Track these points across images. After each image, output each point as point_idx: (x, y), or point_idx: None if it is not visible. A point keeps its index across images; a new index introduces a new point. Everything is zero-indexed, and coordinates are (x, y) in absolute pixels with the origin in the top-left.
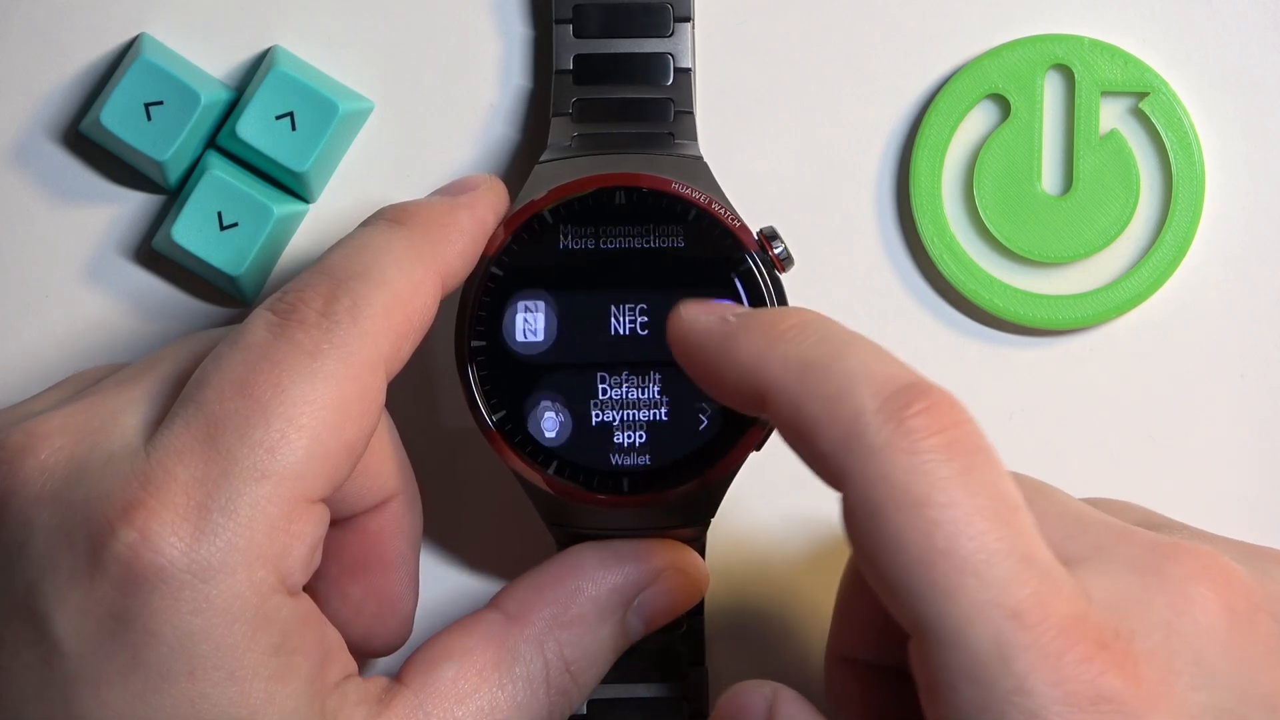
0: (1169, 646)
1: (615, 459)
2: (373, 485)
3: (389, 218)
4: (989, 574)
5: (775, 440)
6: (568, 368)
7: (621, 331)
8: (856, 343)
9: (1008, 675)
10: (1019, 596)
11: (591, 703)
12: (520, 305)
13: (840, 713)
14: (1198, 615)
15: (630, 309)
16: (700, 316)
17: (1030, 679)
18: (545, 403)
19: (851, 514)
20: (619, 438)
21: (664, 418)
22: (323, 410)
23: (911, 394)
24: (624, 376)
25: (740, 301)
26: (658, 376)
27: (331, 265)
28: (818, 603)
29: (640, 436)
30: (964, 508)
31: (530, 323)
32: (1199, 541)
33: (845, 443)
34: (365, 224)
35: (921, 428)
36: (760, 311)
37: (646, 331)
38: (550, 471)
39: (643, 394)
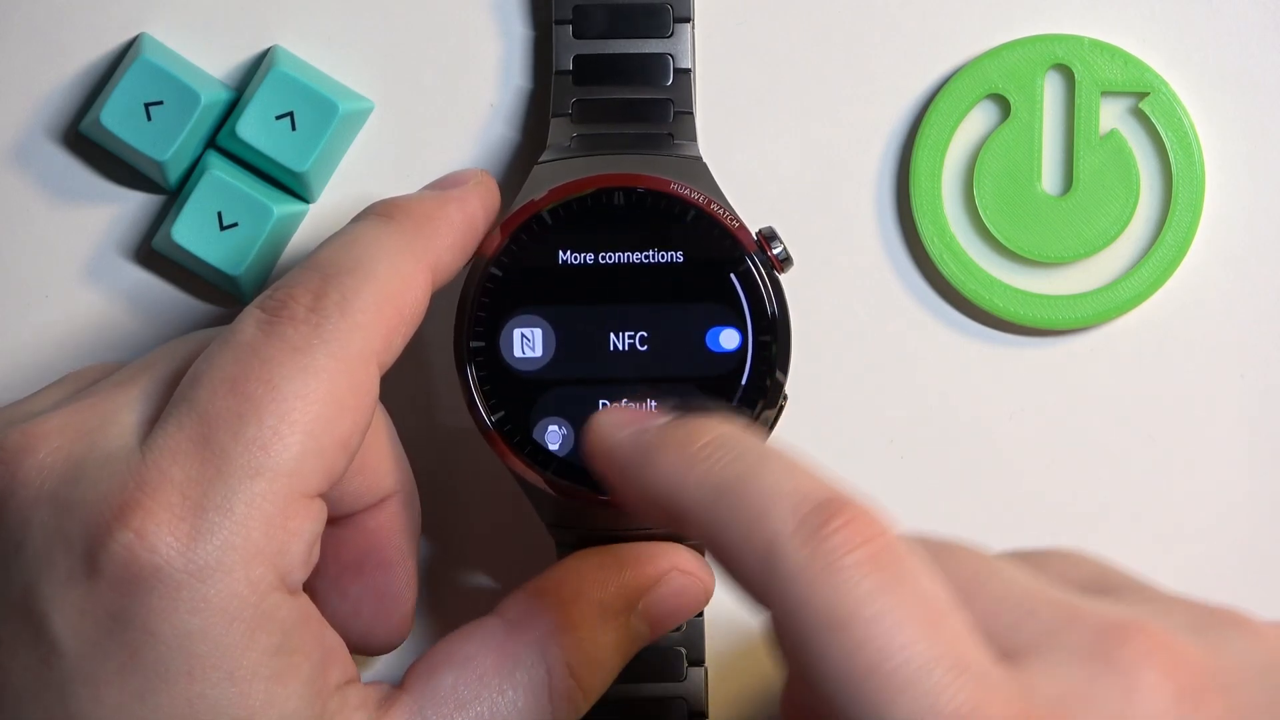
0: None
1: None
2: (371, 483)
3: (378, 212)
4: (921, 685)
5: (775, 440)
6: (567, 383)
7: (621, 348)
8: (771, 459)
9: None
10: (954, 705)
11: None
12: (518, 322)
13: None
14: (1148, 703)
15: (629, 325)
16: (616, 432)
17: None
18: (545, 419)
19: (779, 635)
20: None
21: None
22: (315, 405)
23: (828, 510)
24: (623, 392)
25: (740, 301)
26: (656, 392)
27: (320, 261)
28: None
29: None
30: (889, 620)
31: (529, 339)
32: (1153, 607)
33: (765, 567)
34: (355, 219)
35: (840, 545)
36: (675, 425)
37: (646, 347)
38: (550, 472)
39: (641, 409)
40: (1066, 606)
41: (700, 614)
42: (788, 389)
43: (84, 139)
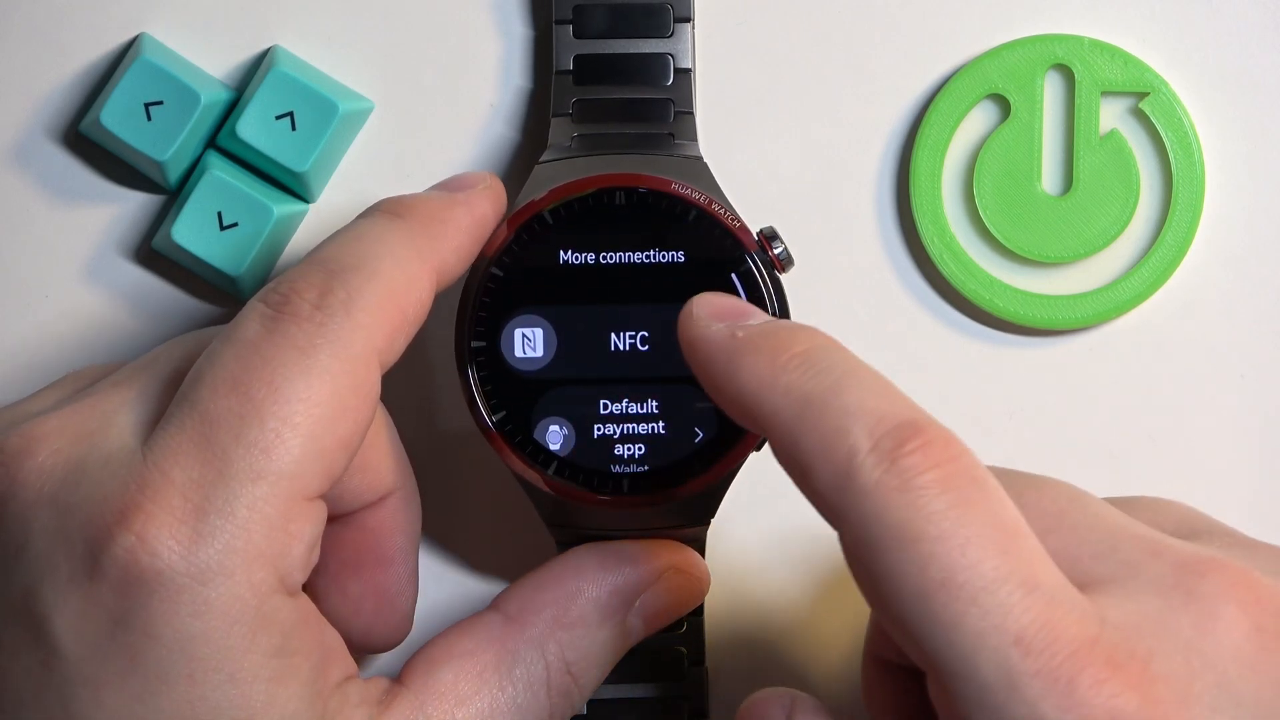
0: (1190, 667)
1: (616, 469)
2: (371, 481)
3: (385, 210)
4: (989, 602)
5: None
6: (568, 383)
7: (622, 347)
8: (857, 376)
9: (1018, 703)
10: (1023, 623)
11: (591, 703)
12: (519, 322)
13: (875, 714)
14: (1223, 635)
15: (630, 324)
16: (709, 325)
17: (1041, 705)
18: (546, 418)
19: (850, 552)
20: (620, 450)
21: (663, 431)
22: (317, 407)
23: (906, 432)
24: (624, 392)
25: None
26: (657, 392)
27: (326, 257)
28: (818, 602)
29: (640, 449)
30: (958, 538)
31: (530, 339)
32: (1236, 551)
33: (840, 483)
34: (362, 216)
35: (915, 465)
36: (768, 330)
37: (646, 347)
38: (550, 472)
39: (642, 409)
40: (1151, 541)
41: (700, 614)
42: None
43: (84, 139)
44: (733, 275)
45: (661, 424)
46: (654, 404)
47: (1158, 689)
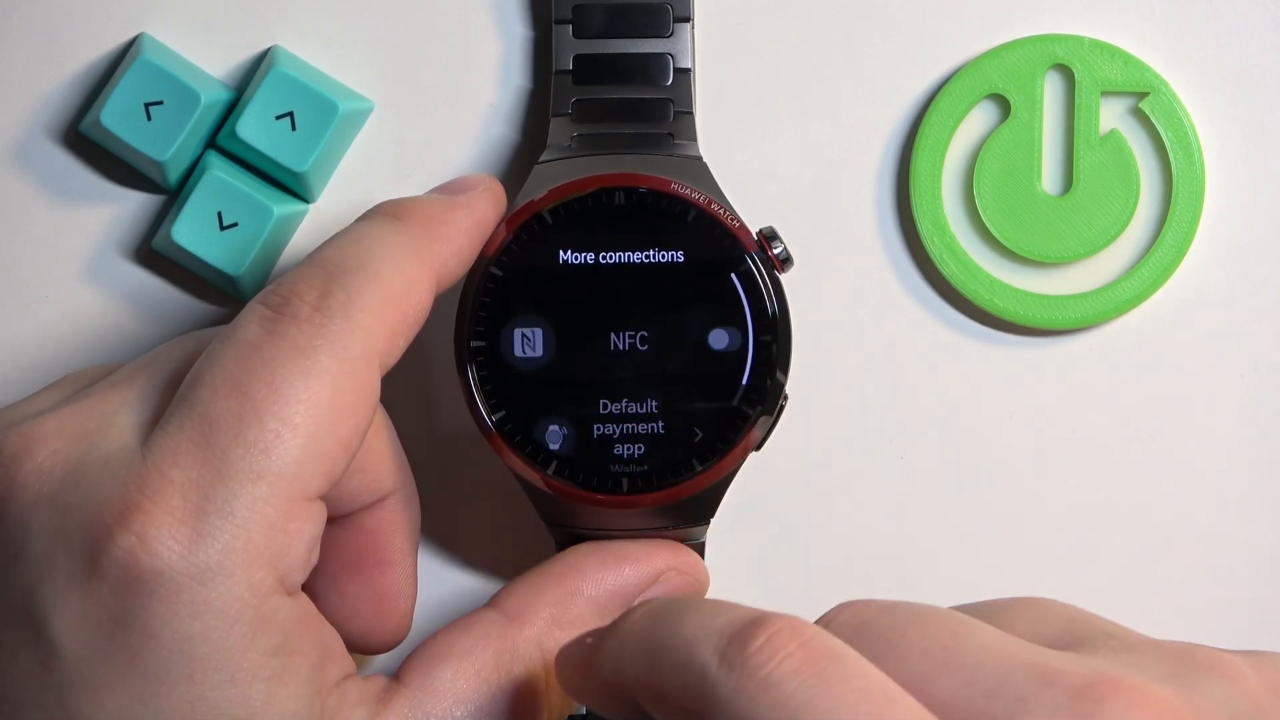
0: None
1: (616, 469)
2: (370, 482)
3: (386, 212)
4: None
5: (774, 440)
6: (567, 383)
7: (621, 347)
8: (692, 607)
9: None
10: None
11: None
12: (519, 321)
13: None
14: None
15: (630, 324)
16: (565, 651)
17: None
18: (546, 418)
19: None
20: (619, 450)
21: (662, 431)
22: (317, 408)
23: (748, 632)
24: (623, 392)
25: (741, 301)
26: (657, 392)
27: (326, 259)
28: (818, 603)
29: (639, 449)
30: (830, 718)
31: (529, 338)
32: (1126, 657)
33: (703, 704)
34: (362, 218)
35: (766, 660)
36: (610, 626)
37: (646, 347)
38: (550, 472)
39: (642, 409)
40: (1039, 667)
41: None
42: (788, 389)
43: (84, 139)
44: (732, 275)
45: (661, 424)
46: (653, 404)
47: None
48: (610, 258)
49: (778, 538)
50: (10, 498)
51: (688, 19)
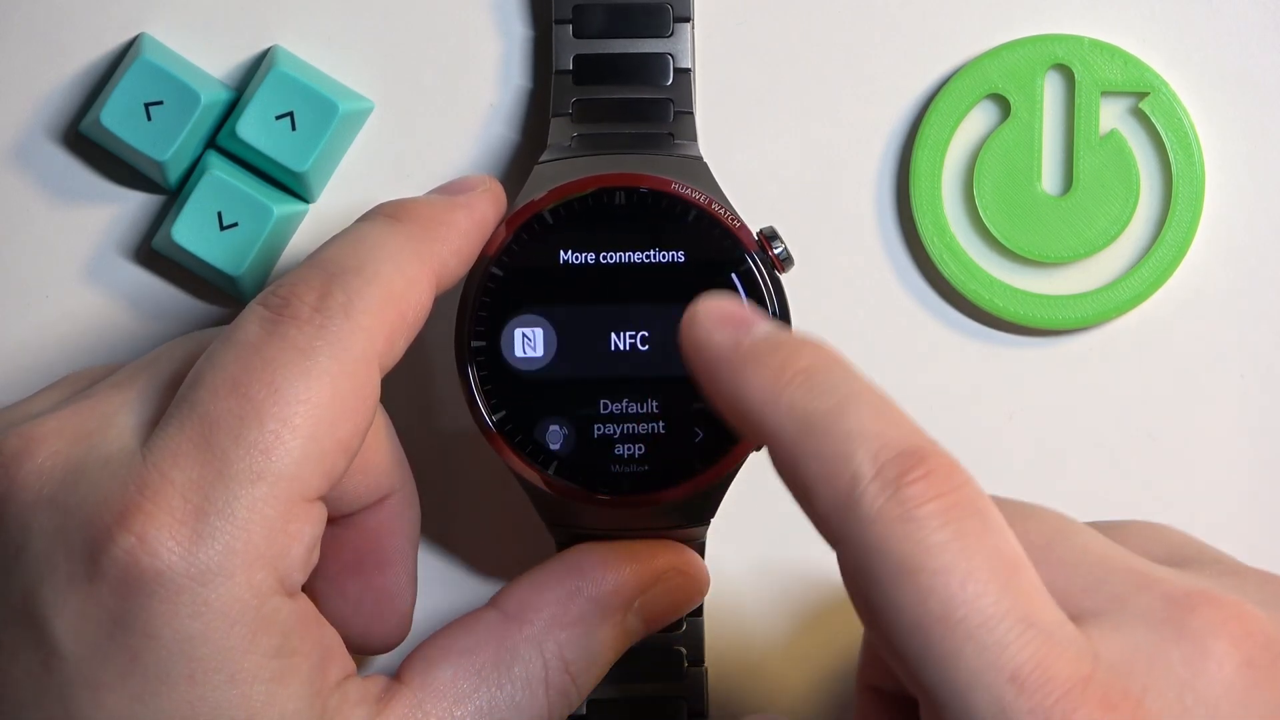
0: (1182, 704)
1: (616, 469)
2: (370, 482)
3: (385, 213)
4: (986, 638)
5: None
6: (567, 383)
7: (622, 347)
8: (861, 397)
9: None
10: (1019, 660)
11: (591, 702)
12: (519, 321)
13: None
14: (1215, 671)
15: (630, 324)
16: (714, 332)
17: None
18: (546, 418)
19: (848, 576)
20: (620, 450)
21: (663, 431)
22: (317, 409)
23: (909, 460)
24: (624, 392)
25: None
26: (657, 392)
27: (326, 259)
28: (817, 603)
29: (640, 449)
30: (959, 572)
31: (530, 338)
32: (1226, 580)
33: (841, 509)
34: (362, 219)
35: (917, 495)
36: (773, 343)
37: (647, 347)
38: (550, 472)
39: (642, 409)
40: (1140, 573)
41: (700, 614)
42: None
43: (84, 139)
44: (733, 275)
45: (661, 424)
46: (654, 404)
47: None
48: (611, 258)
49: (778, 538)
50: (10, 498)
51: (688, 19)
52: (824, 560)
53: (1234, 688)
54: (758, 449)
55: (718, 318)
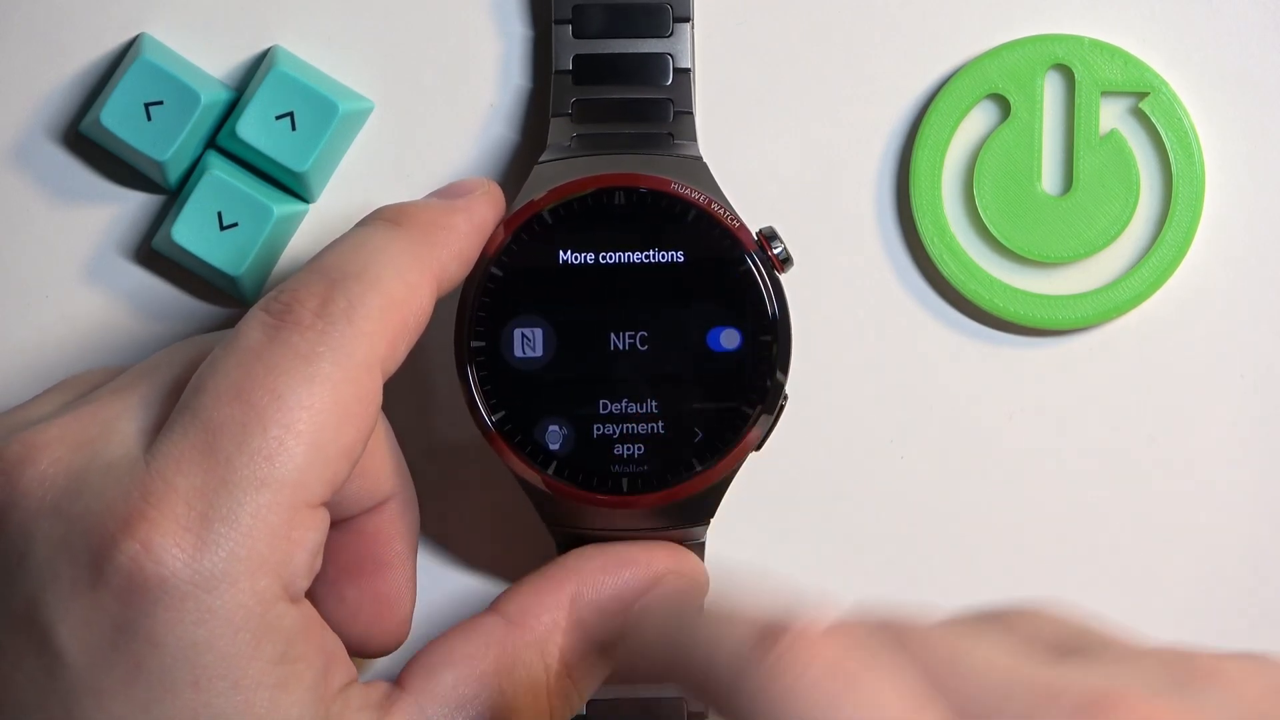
0: None
1: (616, 469)
2: (370, 486)
3: (386, 217)
4: None
5: (775, 440)
6: (567, 383)
7: (621, 347)
8: (701, 620)
9: None
10: None
11: (591, 703)
12: (519, 322)
13: None
14: None
15: (630, 324)
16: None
17: None
18: (546, 418)
19: None
20: (619, 450)
21: (662, 431)
22: (320, 415)
23: (777, 629)
24: (623, 392)
25: (741, 301)
26: (657, 392)
27: (327, 265)
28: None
29: (639, 449)
30: (867, 709)
31: (529, 338)
32: (1127, 669)
33: (729, 696)
34: (361, 223)
35: (796, 655)
36: (625, 632)
37: (646, 347)
38: (550, 472)
39: (642, 409)
40: (1043, 686)
41: None
42: (787, 389)
43: (84, 139)
44: (732, 275)
45: (661, 424)
46: (653, 404)
47: None
48: (610, 258)
49: (778, 538)
50: (13, 505)
51: (688, 19)
52: (824, 561)
53: None
54: (758, 448)
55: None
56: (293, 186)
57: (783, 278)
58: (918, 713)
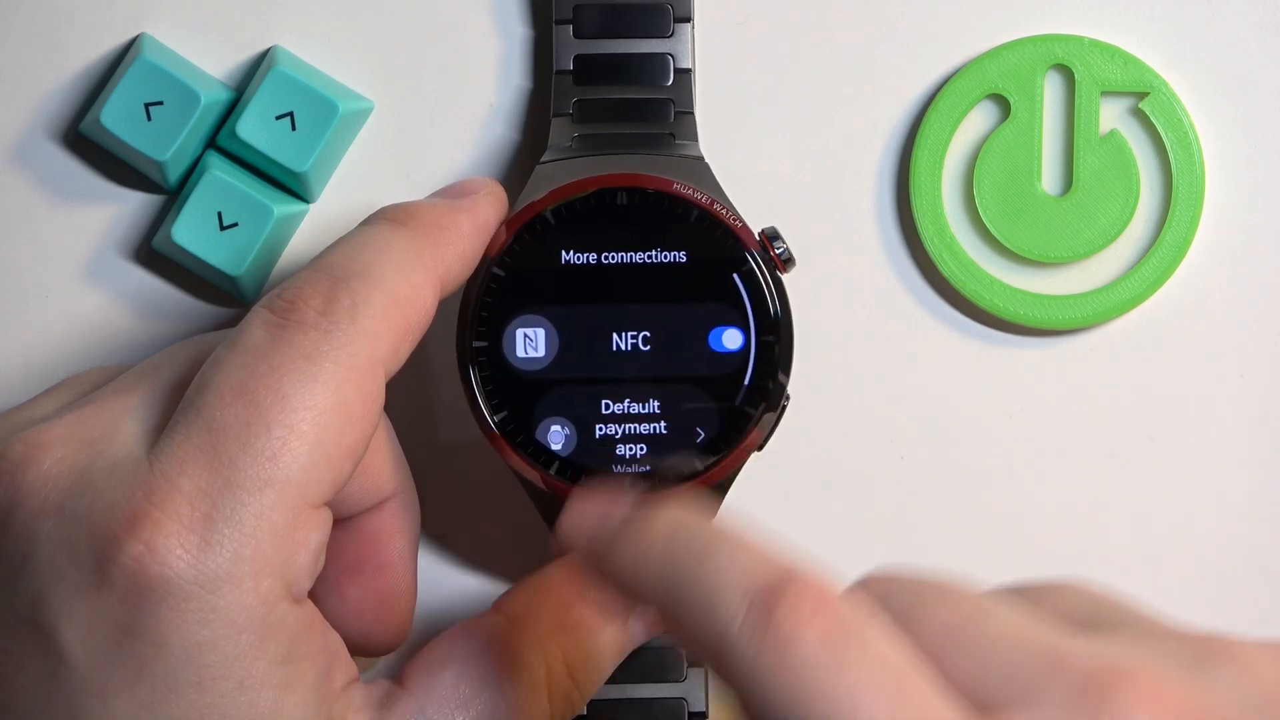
0: None
1: (618, 469)
2: (371, 486)
3: (389, 217)
4: None
5: (776, 440)
6: (569, 383)
7: (623, 347)
8: (717, 545)
9: None
10: None
11: (592, 703)
12: (521, 322)
13: None
14: None
15: (632, 324)
16: (577, 531)
17: None
18: (548, 418)
19: (746, 712)
20: (621, 450)
21: (664, 431)
22: (323, 415)
23: (775, 593)
24: (625, 392)
25: (743, 301)
26: (659, 392)
27: (330, 264)
28: None
29: (641, 449)
30: (848, 697)
31: (531, 339)
32: (1145, 645)
33: (721, 658)
34: (365, 223)
35: (790, 626)
36: (628, 523)
37: (648, 347)
38: (552, 472)
39: (644, 409)
40: (1053, 654)
41: None
42: (788, 389)
43: (84, 139)
44: (735, 275)
45: (663, 424)
46: (655, 404)
47: None
48: (612, 258)
49: (777, 537)
50: (17, 505)
51: (688, 19)
52: (824, 561)
53: None
54: (759, 449)
55: (579, 516)
56: (293, 186)
57: (784, 277)
58: (902, 690)
